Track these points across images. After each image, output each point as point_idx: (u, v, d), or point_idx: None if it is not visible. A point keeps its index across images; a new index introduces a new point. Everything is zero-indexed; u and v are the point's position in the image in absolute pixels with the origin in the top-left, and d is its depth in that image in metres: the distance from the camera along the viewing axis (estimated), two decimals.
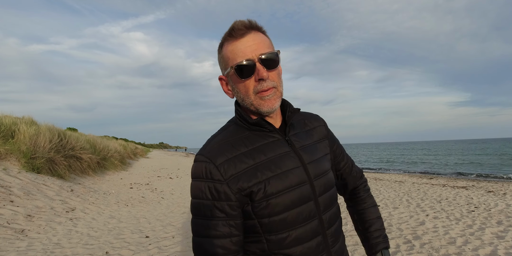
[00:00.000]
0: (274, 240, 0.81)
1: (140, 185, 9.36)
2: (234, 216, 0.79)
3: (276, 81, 0.82)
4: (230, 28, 0.80)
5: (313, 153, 0.90)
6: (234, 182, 0.78)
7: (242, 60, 0.79)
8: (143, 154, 29.96)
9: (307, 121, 0.98)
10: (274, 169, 0.81)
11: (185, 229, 4.62)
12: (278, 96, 0.83)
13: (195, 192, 0.81)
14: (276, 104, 0.82)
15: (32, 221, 4.48)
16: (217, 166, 0.78)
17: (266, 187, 0.79)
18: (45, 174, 7.04)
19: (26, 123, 8.69)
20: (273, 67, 0.81)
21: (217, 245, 0.78)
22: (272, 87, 0.81)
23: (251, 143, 0.84)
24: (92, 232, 4.36)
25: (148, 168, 16.40)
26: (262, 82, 0.80)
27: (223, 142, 0.83)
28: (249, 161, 0.81)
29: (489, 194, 7.67)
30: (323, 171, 0.89)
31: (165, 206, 6.38)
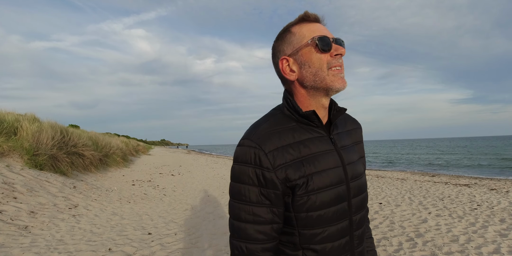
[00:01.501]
0: (306, 235, 0.82)
1: (142, 182, 9.39)
2: (278, 205, 0.80)
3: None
4: (304, 14, 0.83)
5: (351, 154, 0.90)
6: (281, 172, 0.78)
7: (321, 34, 0.81)
8: (145, 151, 30.04)
9: (347, 122, 0.98)
10: (317, 165, 0.81)
11: (188, 226, 4.63)
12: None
13: (240, 177, 0.80)
14: (346, 85, 0.83)
15: (35, 218, 4.50)
16: (266, 153, 0.78)
17: (309, 182, 0.79)
18: (47, 170, 7.07)
19: (28, 120, 8.72)
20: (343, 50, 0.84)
21: (259, 231, 0.79)
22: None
23: (298, 135, 0.83)
24: (95, 228, 4.38)
25: (150, 165, 16.44)
26: (338, 57, 0.82)
27: (271, 130, 0.82)
28: (295, 154, 0.80)
29: (491, 192, 7.65)
30: (359, 174, 0.89)
31: (167, 203, 6.40)
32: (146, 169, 13.72)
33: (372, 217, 4.98)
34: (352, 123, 0.99)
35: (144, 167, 14.66)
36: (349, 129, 0.96)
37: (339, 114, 0.89)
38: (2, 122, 7.52)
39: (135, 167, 14.53)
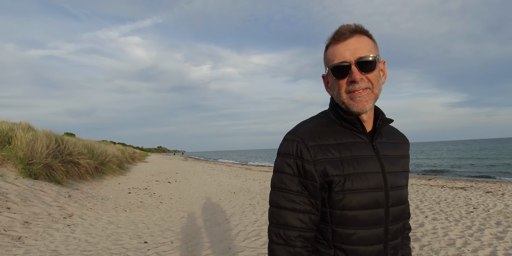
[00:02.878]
0: (340, 233, 0.85)
1: (139, 190, 9.32)
2: (315, 196, 0.85)
3: (372, 82, 0.86)
4: (335, 31, 0.87)
5: (393, 164, 0.92)
6: (320, 166, 0.84)
7: (338, 62, 0.85)
8: (141, 159, 29.85)
9: (394, 135, 1.01)
10: (357, 167, 0.86)
11: (184, 234, 4.59)
12: (371, 98, 0.86)
13: (282, 167, 0.87)
14: (367, 105, 0.85)
15: (29, 228, 4.44)
16: (308, 147, 0.85)
17: (346, 181, 0.83)
18: (42, 180, 6.99)
19: (23, 129, 8.65)
20: (369, 70, 0.85)
21: (297, 218, 0.84)
22: (366, 88, 0.85)
23: (340, 138, 0.89)
24: (90, 238, 4.33)
25: (147, 172, 16.33)
26: (354, 84, 0.84)
27: (314, 129, 0.89)
28: (335, 153, 0.86)
29: (487, 195, 7.68)
30: (399, 184, 0.91)
31: (164, 211, 6.35)
32: (143, 177, 13.62)
33: None
34: (399, 137, 1.03)
35: (140, 175, 14.55)
36: (395, 142, 0.99)
37: (385, 124, 0.93)
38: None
39: (131, 174, 14.42)
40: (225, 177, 14.21)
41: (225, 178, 13.42)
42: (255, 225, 4.97)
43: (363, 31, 0.87)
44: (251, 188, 9.70)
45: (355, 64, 0.84)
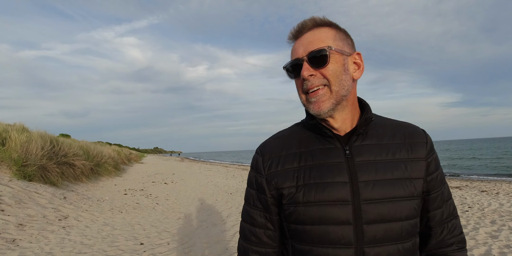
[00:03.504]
0: (298, 250, 0.77)
1: (135, 191, 9.27)
2: (270, 211, 0.82)
3: (331, 79, 0.75)
4: (292, 28, 0.81)
5: (380, 171, 0.75)
6: (271, 179, 0.80)
7: (291, 60, 0.79)
8: (137, 160, 29.72)
9: (395, 134, 0.81)
10: (314, 177, 0.76)
11: (180, 235, 4.58)
12: (328, 97, 0.75)
13: (248, 180, 0.88)
14: (323, 107, 0.75)
15: (23, 230, 4.40)
16: (263, 160, 0.83)
17: (298, 193, 0.75)
18: (37, 181, 6.93)
19: (17, 130, 8.57)
20: (320, 65, 0.74)
21: (252, 232, 0.84)
22: (322, 86, 0.75)
23: (306, 145, 0.81)
24: (85, 240, 4.30)
25: (143, 173, 16.25)
26: (306, 82, 0.76)
27: (279, 139, 0.85)
28: (293, 163, 0.79)
29: (482, 194, 7.75)
30: (387, 196, 0.73)
31: (160, 212, 6.32)
32: (139, 178, 13.55)
33: None
34: (408, 136, 0.80)
35: (136, 176, 14.48)
36: (393, 143, 0.79)
37: (364, 124, 0.79)
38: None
39: (127, 176, 14.35)
40: (222, 177, 14.19)
41: (221, 179, 13.40)
42: None
43: (323, 23, 0.78)
44: None
45: (306, 59, 0.75)
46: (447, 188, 0.84)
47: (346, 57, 0.77)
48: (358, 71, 0.79)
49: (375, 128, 0.81)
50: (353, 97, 0.80)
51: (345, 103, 0.77)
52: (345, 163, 0.76)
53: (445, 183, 0.84)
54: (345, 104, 0.77)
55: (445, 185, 0.83)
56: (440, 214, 0.82)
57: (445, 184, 0.84)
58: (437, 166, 0.82)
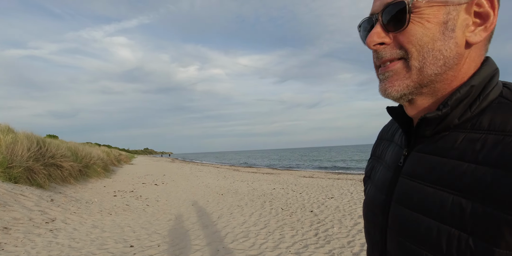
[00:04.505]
0: None
1: (124, 193, 9.14)
2: None
3: (411, 49, 0.47)
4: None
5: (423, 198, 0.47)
6: (368, 164, 0.72)
7: (367, 16, 0.54)
8: (127, 161, 29.35)
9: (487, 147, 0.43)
10: (375, 174, 0.64)
11: (171, 237, 4.53)
12: (403, 76, 0.49)
13: None
14: (390, 89, 0.50)
15: (9, 234, 4.28)
16: (376, 142, 0.72)
17: (367, 187, 0.68)
18: (23, 183, 6.77)
19: (2, 131, 8.38)
20: (398, 27, 0.48)
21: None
22: (397, 59, 0.49)
23: (393, 133, 0.65)
24: (73, 243, 4.21)
25: (133, 174, 16.05)
26: (374, 53, 0.52)
27: (390, 122, 0.71)
28: (379, 151, 0.67)
29: None
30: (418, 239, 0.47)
31: (150, 214, 6.24)
32: (129, 179, 13.38)
33: (356, 222, 5.03)
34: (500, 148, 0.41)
35: (126, 177, 14.30)
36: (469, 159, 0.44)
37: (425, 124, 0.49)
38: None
39: (117, 177, 14.15)
40: (213, 178, 14.12)
41: (212, 180, 13.34)
42: (243, 227, 4.95)
43: None
44: (239, 190, 9.67)
45: (380, 19, 0.50)
46: None
47: (453, 7, 0.46)
48: (479, 29, 0.47)
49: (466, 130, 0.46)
50: (463, 73, 0.48)
51: (440, 86, 0.49)
52: (392, 172, 0.56)
53: None
54: (439, 87, 0.49)
55: None
56: None
57: None
58: None
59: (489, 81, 0.47)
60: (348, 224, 4.89)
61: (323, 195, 7.92)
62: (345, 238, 4.18)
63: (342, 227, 4.72)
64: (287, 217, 5.53)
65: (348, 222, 5.01)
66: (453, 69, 0.48)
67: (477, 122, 0.45)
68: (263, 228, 4.83)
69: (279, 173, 17.73)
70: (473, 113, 0.46)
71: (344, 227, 4.75)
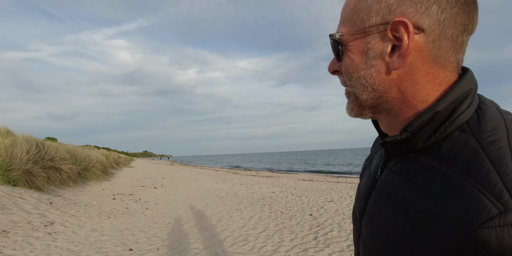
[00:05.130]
0: None
1: (123, 196, 9.12)
2: None
3: (344, 76, 0.52)
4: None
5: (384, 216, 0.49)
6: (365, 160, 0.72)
7: None
8: (126, 163, 29.29)
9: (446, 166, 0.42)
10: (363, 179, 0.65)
11: (171, 240, 4.52)
12: (351, 100, 0.53)
13: None
14: (348, 111, 0.54)
15: (7, 237, 4.27)
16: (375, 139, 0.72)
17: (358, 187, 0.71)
18: (22, 186, 6.76)
19: (1, 134, 8.37)
20: (339, 59, 0.52)
21: None
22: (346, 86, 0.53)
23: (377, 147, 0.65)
24: (72, 246, 4.20)
25: (132, 177, 16.02)
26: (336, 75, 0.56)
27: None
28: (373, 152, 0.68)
29: None
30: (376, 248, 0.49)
31: (150, 217, 6.23)
32: (128, 182, 13.35)
33: None
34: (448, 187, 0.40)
35: (125, 180, 14.26)
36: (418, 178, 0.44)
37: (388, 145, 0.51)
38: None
39: (116, 180, 14.11)
40: (212, 181, 14.10)
41: (212, 183, 13.31)
42: (242, 230, 4.94)
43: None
44: (238, 193, 9.65)
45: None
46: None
47: (374, 35, 0.47)
48: (396, 55, 0.45)
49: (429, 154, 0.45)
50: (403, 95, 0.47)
51: (391, 106, 0.49)
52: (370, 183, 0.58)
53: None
54: (386, 107, 0.50)
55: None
56: None
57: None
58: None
59: (460, 104, 0.44)
60: (347, 228, 4.89)
61: (322, 199, 7.91)
62: (344, 241, 4.18)
63: (342, 231, 4.72)
64: (286, 221, 5.52)
65: (348, 226, 5.01)
66: (388, 92, 0.48)
67: (437, 150, 0.44)
68: (262, 232, 4.82)
69: (279, 176, 17.71)
70: (437, 139, 0.45)
71: (343, 230, 4.75)
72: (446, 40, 0.44)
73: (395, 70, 0.46)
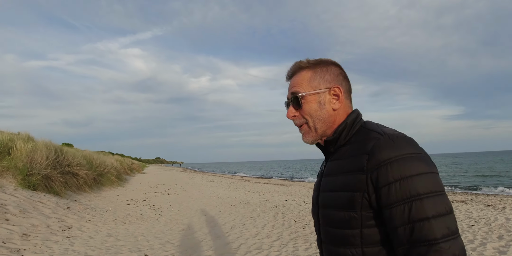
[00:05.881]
0: None
1: (137, 202, 9.23)
2: None
3: (307, 118, 0.90)
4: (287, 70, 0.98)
5: (329, 183, 0.89)
6: None
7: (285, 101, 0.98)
8: (139, 170, 29.66)
9: (356, 147, 0.83)
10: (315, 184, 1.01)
11: (185, 247, 4.54)
12: (309, 132, 0.91)
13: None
14: (306, 140, 0.92)
15: (28, 240, 4.38)
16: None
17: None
18: (41, 191, 6.94)
19: (23, 139, 8.64)
20: (299, 106, 0.90)
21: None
22: (303, 124, 0.92)
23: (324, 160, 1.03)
24: (89, 251, 4.27)
25: (145, 184, 16.20)
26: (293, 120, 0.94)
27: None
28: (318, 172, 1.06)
29: (488, 208, 7.65)
30: (329, 205, 0.87)
31: (164, 223, 6.28)
32: (141, 188, 13.51)
33: None
34: (357, 149, 0.82)
35: (139, 186, 14.43)
36: (345, 157, 0.85)
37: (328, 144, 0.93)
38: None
39: (129, 186, 14.30)
40: (224, 189, 14.11)
41: (224, 190, 13.33)
42: (256, 238, 4.92)
43: (303, 66, 0.92)
44: (250, 201, 9.63)
45: (290, 102, 0.93)
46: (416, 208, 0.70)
47: (322, 93, 0.90)
48: (337, 102, 0.91)
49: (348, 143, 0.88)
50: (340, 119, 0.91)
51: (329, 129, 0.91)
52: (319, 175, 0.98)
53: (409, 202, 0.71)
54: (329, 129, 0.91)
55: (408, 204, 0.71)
56: (396, 237, 0.73)
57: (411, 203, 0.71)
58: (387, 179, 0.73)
59: (354, 119, 0.90)
60: None
61: None
62: None
63: None
64: (300, 229, 5.47)
65: None
66: (331, 122, 0.90)
67: (351, 140, 0.88)
68: (276, 240, 4.79)
69: (291, 185, 17.58)
70: (350, 136, 0.88)
71: None
72: (347, 94, 0.94)
73: (337, 109, 0.91)
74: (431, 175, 0.74)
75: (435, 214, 0.70)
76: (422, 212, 0.70)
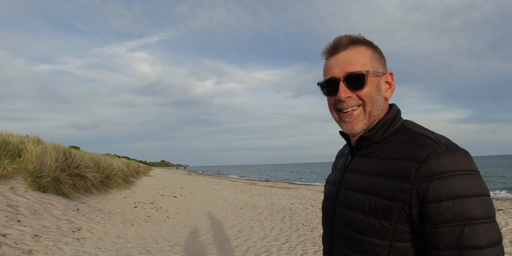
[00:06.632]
0: None
1: (145, 204, 9.27)
2: None
3: (366, 100, 0.79)
4: (328, 44, 0.82)
5: (357, 182, 0.79)
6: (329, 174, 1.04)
7: (326, 78, 0.82)
8: (145, 172, 29.79)
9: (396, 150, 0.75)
10: (329, 177, 0.98)
11: (194, 249, 4.55)
12: (362, 118, 0.80)
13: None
14: (356, 127, 0.80)
15: (39, 241, 4.43)
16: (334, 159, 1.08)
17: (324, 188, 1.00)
18: (50, 193, 7.02)
19: (33, 142, 8.76)
20: (358, 87, 0.78)
21: None
22: (356, 106, 0.79)
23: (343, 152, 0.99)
24: (99, 252, 4.30)
25: (151, 186, 16.26)
26: (342, 103, 0.80)
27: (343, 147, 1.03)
28: (334, 165, 1.02)
29: (498, 213, 7.55)
30: (353, 206, 0.77)
31: (172, 226, 6.30)
32: (148, 191, 13.56)
33: None
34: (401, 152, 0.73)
35: (145, 189, 14.50)
36: (382, 157, 0.76)
37: (362, 140, 0.82)
38: (7, 144, 7.57)
39: (136, 188, 14.37)
40: (230, 192, 14.11)
41: (230, 193, 13.32)
42: (265, 241, 4.92)
43: (359, 41, 0.80)
44: (257, 204, 9.62)
45: (343, 80, 0.78)
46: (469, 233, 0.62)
47: (380, 77, 0.80)
48: (389, 90, 0.83)
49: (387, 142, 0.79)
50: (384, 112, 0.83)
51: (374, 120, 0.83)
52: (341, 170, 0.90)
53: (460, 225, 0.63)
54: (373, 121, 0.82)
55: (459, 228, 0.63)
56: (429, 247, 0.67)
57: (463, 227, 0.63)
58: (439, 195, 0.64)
59: (395, 116, 0.82)
60: None
61: None
62: None
63: None
64: (308, 233, 5.45)
65: None
66: (381, 112, 0.82)
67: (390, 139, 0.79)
68: (284, 243, 4.78)
69: (297, 188, 17.51)
70: (389, 134, 0.80)
71: None
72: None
73: (388, 98, 0.84)
74: (486, 199, 0.66)
75: (488, 244, 0.62)
76: (476, 239, 0.62)
